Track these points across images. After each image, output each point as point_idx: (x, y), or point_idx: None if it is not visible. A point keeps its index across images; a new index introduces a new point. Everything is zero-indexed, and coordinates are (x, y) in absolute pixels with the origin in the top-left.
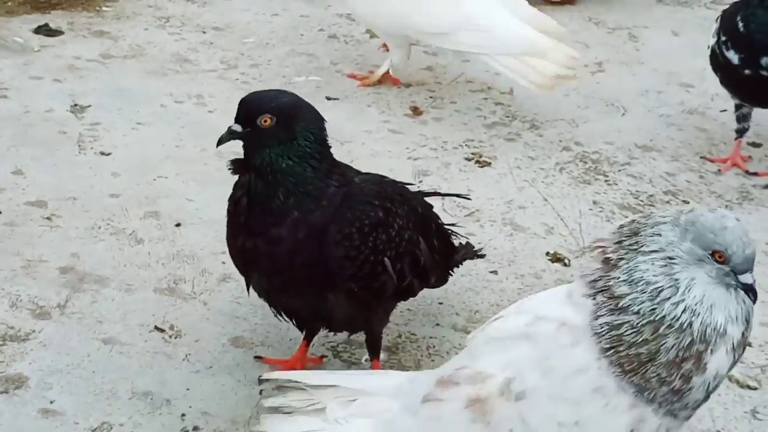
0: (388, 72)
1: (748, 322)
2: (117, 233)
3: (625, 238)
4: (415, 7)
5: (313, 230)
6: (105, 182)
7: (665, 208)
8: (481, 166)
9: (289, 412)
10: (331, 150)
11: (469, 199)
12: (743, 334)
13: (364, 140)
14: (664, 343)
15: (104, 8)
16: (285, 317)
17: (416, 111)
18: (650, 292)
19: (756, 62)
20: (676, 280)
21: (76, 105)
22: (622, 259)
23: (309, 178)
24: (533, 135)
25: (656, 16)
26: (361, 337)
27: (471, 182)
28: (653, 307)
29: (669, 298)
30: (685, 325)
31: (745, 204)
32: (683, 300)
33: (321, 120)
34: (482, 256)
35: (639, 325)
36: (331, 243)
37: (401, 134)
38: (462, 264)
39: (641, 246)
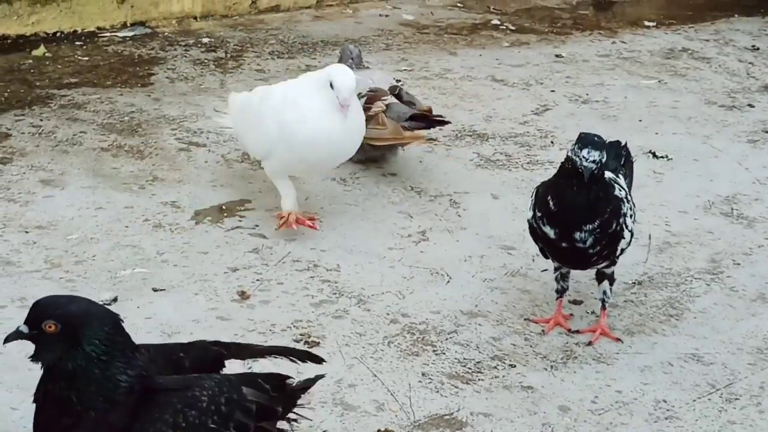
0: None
1: None
2: None
3: None
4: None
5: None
6: None
7: (493, 374)
8: (310, 347)
9: None
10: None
11: (323, 361)
12: None
13: (192, 330)
14: None
15: None
16: None
17: (243, 295)
18: None
19: (571, 237)
20: None
21: None
22: None
23: (97, 379)
24: (360, 310)
25: (476, 180)
26: None
27: (300, 364)
28: None
29: None
30: None
31: (570, 363)
32: None
33: (110, 321)
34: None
35: None
36: None
37: (229, 320)
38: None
39: None
